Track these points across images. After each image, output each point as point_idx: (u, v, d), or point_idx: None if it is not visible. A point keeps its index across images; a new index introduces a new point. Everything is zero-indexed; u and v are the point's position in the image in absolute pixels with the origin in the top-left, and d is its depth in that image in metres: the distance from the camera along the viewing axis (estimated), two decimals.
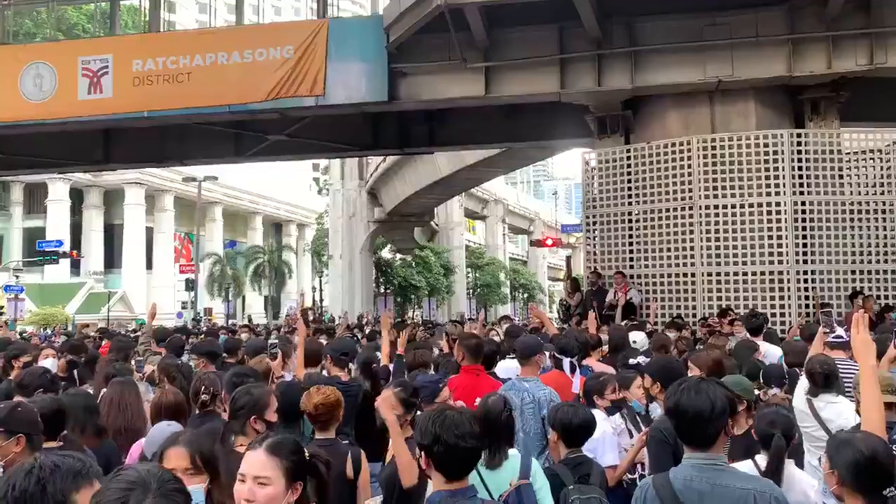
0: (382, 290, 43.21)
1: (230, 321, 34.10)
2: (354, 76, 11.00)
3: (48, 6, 15.53)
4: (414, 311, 45.57)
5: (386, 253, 46.20)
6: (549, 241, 45.03)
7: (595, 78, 11.21)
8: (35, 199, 47.46)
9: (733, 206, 10.33)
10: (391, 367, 5.90)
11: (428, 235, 44.70)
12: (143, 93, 10.88)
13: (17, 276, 34.15)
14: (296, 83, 10.62)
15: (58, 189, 45.42)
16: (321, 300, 47.49)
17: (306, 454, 2.09)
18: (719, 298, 10.20)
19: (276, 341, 7.29)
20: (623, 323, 9.17)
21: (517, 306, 59.16)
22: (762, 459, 3.12)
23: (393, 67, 11.21)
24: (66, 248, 37.18)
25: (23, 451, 2.67)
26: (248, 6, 13.55)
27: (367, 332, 11.79)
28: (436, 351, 7.15)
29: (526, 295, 59.85)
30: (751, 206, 10.27)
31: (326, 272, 44.23)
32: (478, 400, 3.41)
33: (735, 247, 10.27)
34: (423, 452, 2.30)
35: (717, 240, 10.36)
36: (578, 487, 3.15)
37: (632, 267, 11.02)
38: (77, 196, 47.19)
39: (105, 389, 4.39)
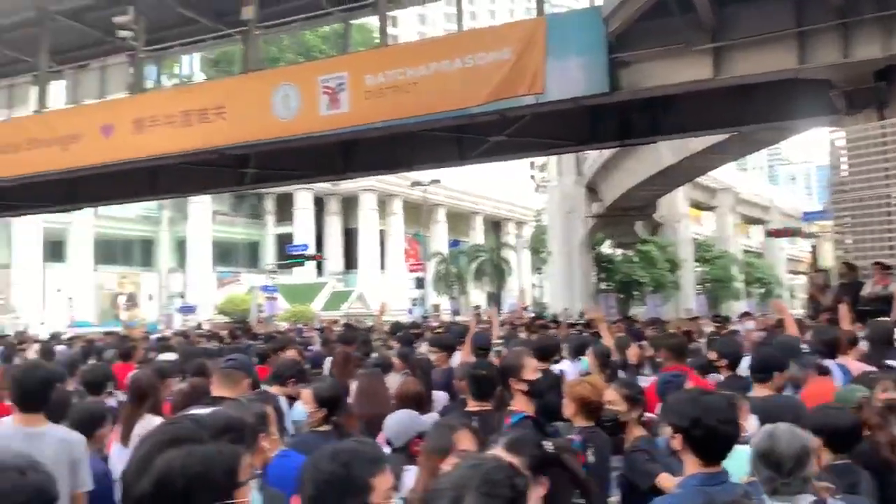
0: (603, 287, 42.44)
1: (455, 317, 35.46)
2: (573, 70, 10.90)
3: (291, 33, 17.13)
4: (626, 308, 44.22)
5: (606, 248, 45.34)
6: (788, 231, 41.45)
7: (840, 49, 10.12)
8: (284, 208, 52.75)
9: None
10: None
11: (650, 229, 43.15)
12: (376, 105, 11.64)
13: (273, 278, 38.09)
14: (515, 83, 10.76)
15: (303, 198, 50.09)
16: (541, 296, 47.73)
17: (550, 448, 2.09)
18: None
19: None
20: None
21: (753, 302, 55.15)
22: None
23: (613, 58, 10.95)
24: (312, 251, 40.88)
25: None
26: (466, 13, 13.93)
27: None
28: None
29: (762, 290, 55.54)
30: None
31: (545, 269, 44.37)
32: None
33: None
34: (678, 434, 2.25)
35: None
36: (846, 498, 2.87)
37: (892, 256, 9.81)
38: (319, 204, 51.67)
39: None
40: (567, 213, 35.43)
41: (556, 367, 5.69)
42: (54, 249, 44.71)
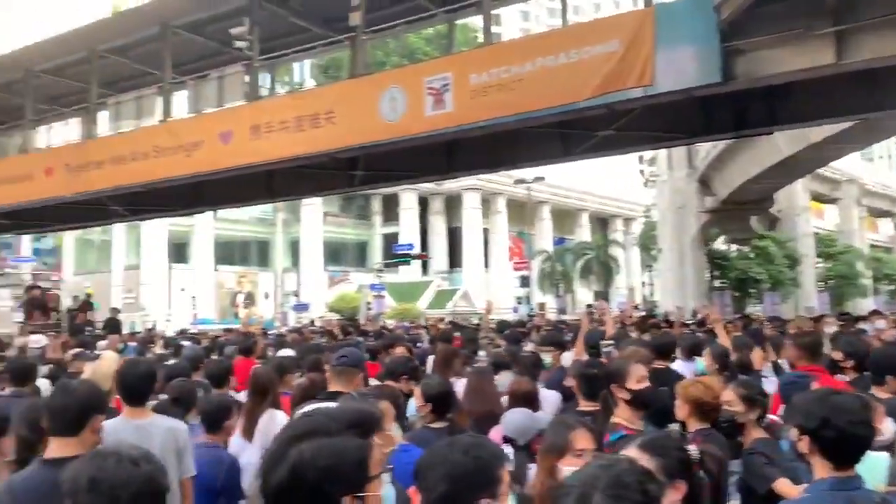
0: (717, 285, 40.85)
1: (561, 315, 35.07)
2: (684, 61, 10.54)
3: (396, 36, 17.44)
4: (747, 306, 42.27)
5: (720, 244, 43.61)
6: None
7: None
8: (390, 209, 53.83)
9: None
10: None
11: (767, 223, 41.15)
12: (480, 104, 11.65)
13: (380, 276, 38.94)
14: (622, 76, 10.52)
15: (408, 198, 50.95)
16: (651, 295, 46.49)
17: (692, 452, 2.02)
18: None
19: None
20: None
21: (881, 300, 51.64)
22: None
23: (726, 46, 10.51)
24: (417, 250, 41.51)
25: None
26: (569, 7, 13.74)
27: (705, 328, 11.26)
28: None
29: (892, 287, 51.94)
30: None
31: (655, 266, 43.21)
32: None
33: None
34: (805, 437, 2.13)
35: None
36: None
37: None
38: (423, 203, 52.40)
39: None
40: (678, 209, 34.35)
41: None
42: (178, 251, 47.49)
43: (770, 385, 5.25)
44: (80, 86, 18.87)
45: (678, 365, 6.42)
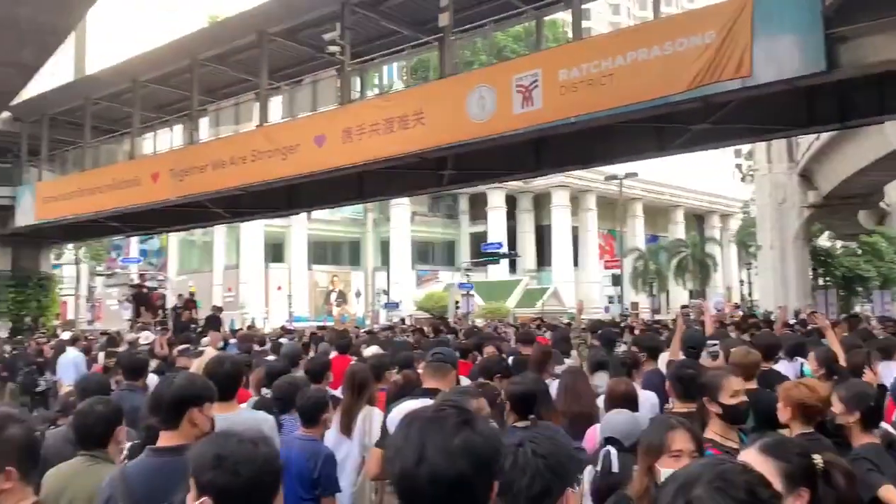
0: (822, 283, 38.95)
1: (655, 315, 34.25)
2: (785, 50, 10.09)
3: (484, 34, 17.44)
4: (861, 306, 40.07)
5: (824, 241, 41.61)
6: None
7: None
8: (477, 207, 53.89)
9: None
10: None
11: (876, 218, 38.95)
12: (570, 100, 11.53)
13: (468, 276, 39.08)
14: (719, 68, 10.17)
15: (495, 197, 50.89)
16: (749, 294, 44.79)
17: (818, 461, 1.91)
18: None
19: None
20: None
21: None
22: None
23: (829, 33, 10.01)
24: (505, 249, 41.41)
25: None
26: None
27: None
28: None
29: None
30: None
31: (754, 264, 41.59)
32: None
33: None
34: None
35: None
36: None
37: None
38: (511, 202, 52.22)
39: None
40: (779, 204, 32.95)
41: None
42: (275, 251, 49.15)
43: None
44: (183, 94, 19.83)
45: (782, 366, 6.17)
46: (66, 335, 17.59)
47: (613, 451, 2.94)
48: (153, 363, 7.89)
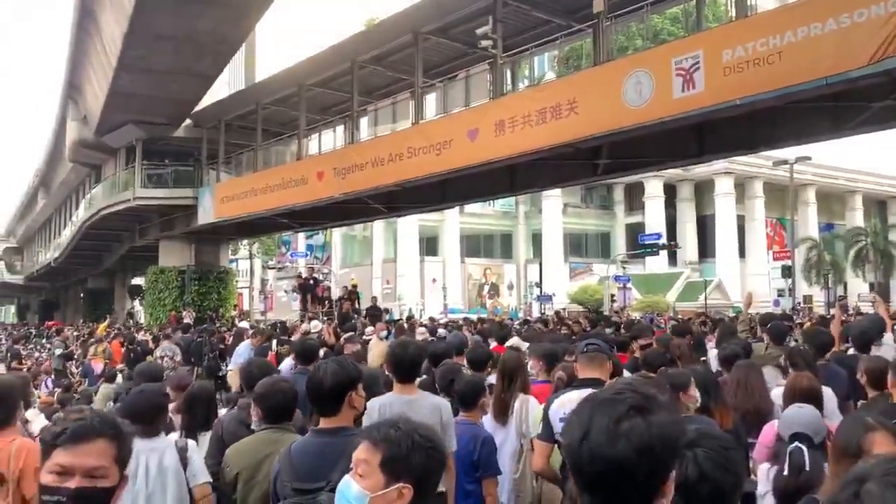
0: None
1: (831, 310, 31.70)
2: None
3: (640, 19, 16.89)
4: None
5: None
6: None
7: None
8: (633, 198, 52.43)
9: None
10: None
11: None
12: (734, 81, 10.90)
13: (624, 268, 38.11)
14: None
15: (653, 186, 49.27)
16: None
17: None
18: None
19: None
20: None
21: None
22: None
23: None
24: (664, 240, 39.97)
25: None
26: None
27: None
28: None
29: None
30: None
31: None
32: None
33: None
34: None
35: None
36: None
37: None
38: (670, 191, 50.34)
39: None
40: None
41: None
42: (429, 245, 50.46)
43: None
44: (344, 95, 20.77)
45: None
46: (243, 324, 19.05)
47: (804, 447, 2.74)
48: (320, 351, 8.33)
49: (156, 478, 3.63)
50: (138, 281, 43.94)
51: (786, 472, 2.74)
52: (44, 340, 28.90)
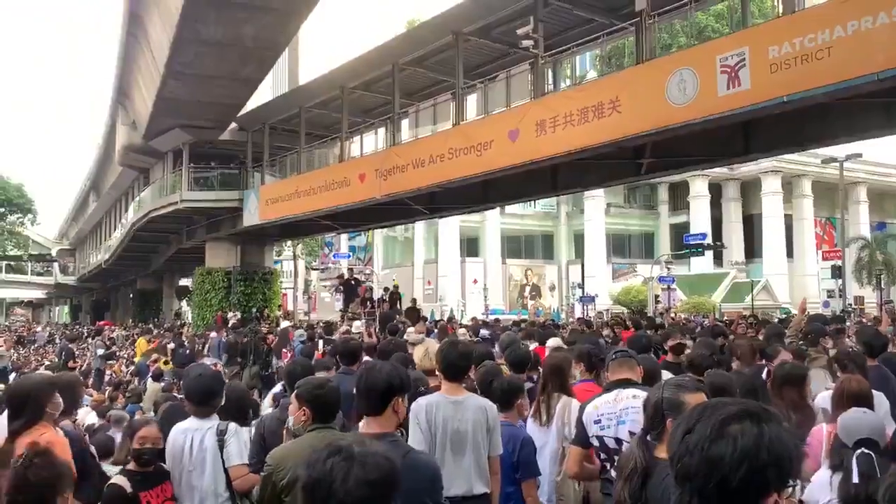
0: None
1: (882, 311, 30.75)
2: None
3: (684, 16, 16.65)
4: None
5: None
6: None
7: None
8: (678, 197, 51.62)
9: None
10: None
11: None
12: (781, 78, 10.67)
13: (669, 269, 37.53)
14: None
15: (698, 186, 48.44)
16: None
17: None
18: None
19: None
20: None
21: None
22: None
23: None
24: (709, 240, 39.27)
25: None
26: None
27: None
28: None
29: None
30: None
31: None
32: None
33: None
34: None
35: None
36: None
37: None
38: (715, 190, 49.45)
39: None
40: None
41: None
42: (469, 246, 50.44)
43: None
44: (385, 98, 20.91)
45: None
46: (284, 324, 19.30)
47: (873, 454, 2.64)
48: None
49: (197, 455, 3.94)
50: (185, 282, 44.89)
51: (855, 480, 2.63)
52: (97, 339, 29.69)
